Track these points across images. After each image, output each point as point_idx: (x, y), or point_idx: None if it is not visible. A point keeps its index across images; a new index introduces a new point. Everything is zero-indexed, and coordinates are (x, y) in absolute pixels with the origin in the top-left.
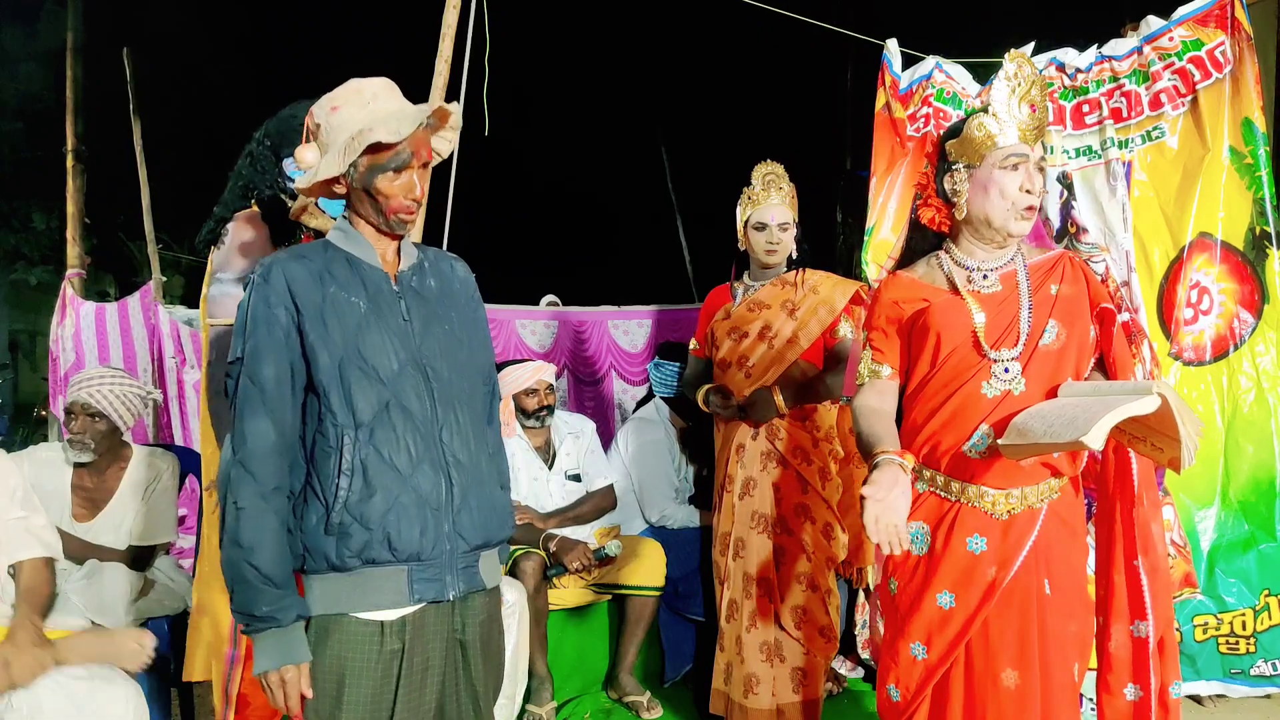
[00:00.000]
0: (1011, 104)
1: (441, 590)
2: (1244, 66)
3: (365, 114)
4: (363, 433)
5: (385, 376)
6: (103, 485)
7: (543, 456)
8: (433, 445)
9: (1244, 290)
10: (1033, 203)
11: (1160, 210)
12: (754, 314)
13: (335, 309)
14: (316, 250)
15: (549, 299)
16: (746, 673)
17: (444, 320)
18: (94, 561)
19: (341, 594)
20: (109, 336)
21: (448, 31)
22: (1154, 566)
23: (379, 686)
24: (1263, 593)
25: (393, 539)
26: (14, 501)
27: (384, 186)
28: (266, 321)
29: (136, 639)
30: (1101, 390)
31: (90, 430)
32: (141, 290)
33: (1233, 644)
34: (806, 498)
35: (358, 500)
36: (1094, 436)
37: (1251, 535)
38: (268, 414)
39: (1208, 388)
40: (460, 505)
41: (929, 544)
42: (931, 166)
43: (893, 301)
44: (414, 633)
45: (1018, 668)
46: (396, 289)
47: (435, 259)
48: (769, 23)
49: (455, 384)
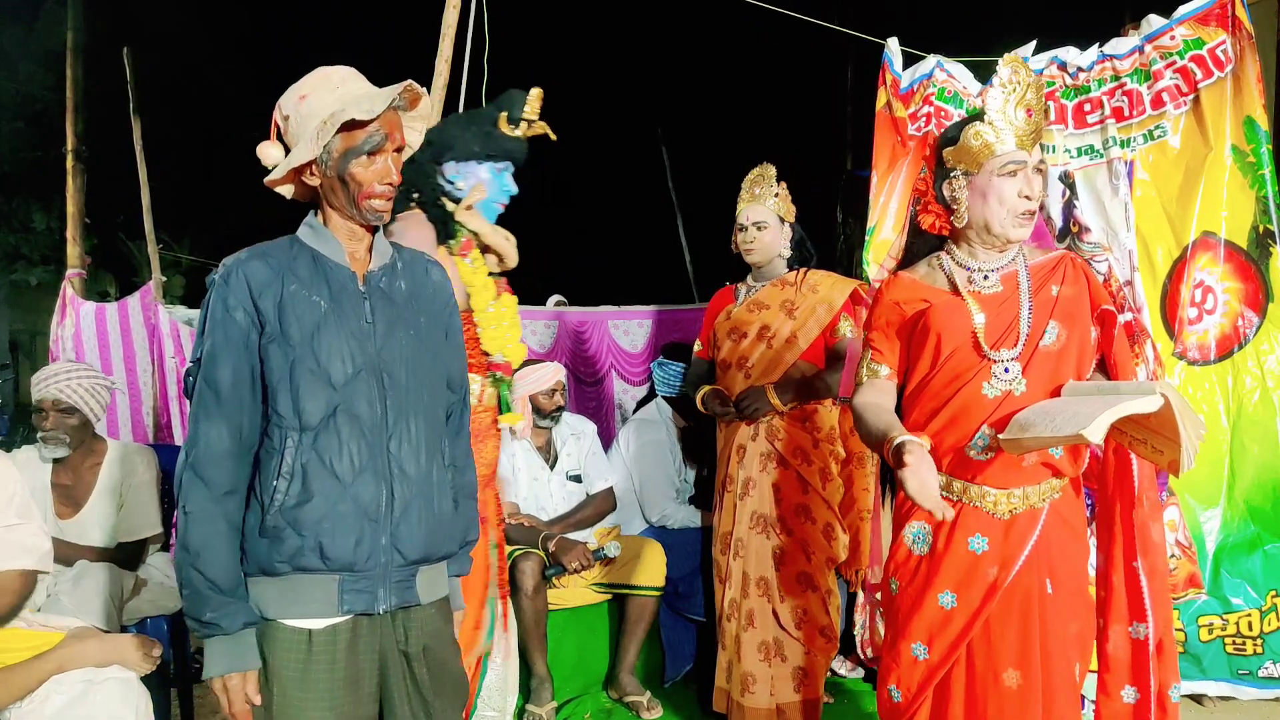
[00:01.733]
0: (1008, 110)
1: (371, 603)
2: (1245, 65)
3: (335, 97)
4: (306, 436)
5: (336, 381)
6: (80, 481)
7: (544, 457)
8: (379, 454)
9: (1248, 289)
10: (1031, 208)
11: (1163, 209)
12: (753, 314)
13: (294, 307)
14: (281, 247)
15: (556, 299)
16: (744, 671)
17: (410, 325)
18: (83, 562)
19: (270, 599)
20: (109, 336)
21: (448, 31)
22: (1153, 568)
23: (305, 695)
24: (1269, 594)
25: (325, 547)
26: (10, 508)
27: (358, 172)
28: (224, 324)
29: (144, 647)
30: (1105, 389)
31: (62, 425)
32: (141, 290)
33: (1239, 645)
34: (807, 498)
35: (294, 505)
36: (1094, 430)
37: (1258, 536)
38: (222, 417)
39: (1212, 387)
40: (400, 518)
41: (930, 544)
42: (930, 171)
43: (894, 303)
44: (344, 644)
45: (1019, 668)
46: (363, 289)
47: (411, 260)
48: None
49: (413, 392)
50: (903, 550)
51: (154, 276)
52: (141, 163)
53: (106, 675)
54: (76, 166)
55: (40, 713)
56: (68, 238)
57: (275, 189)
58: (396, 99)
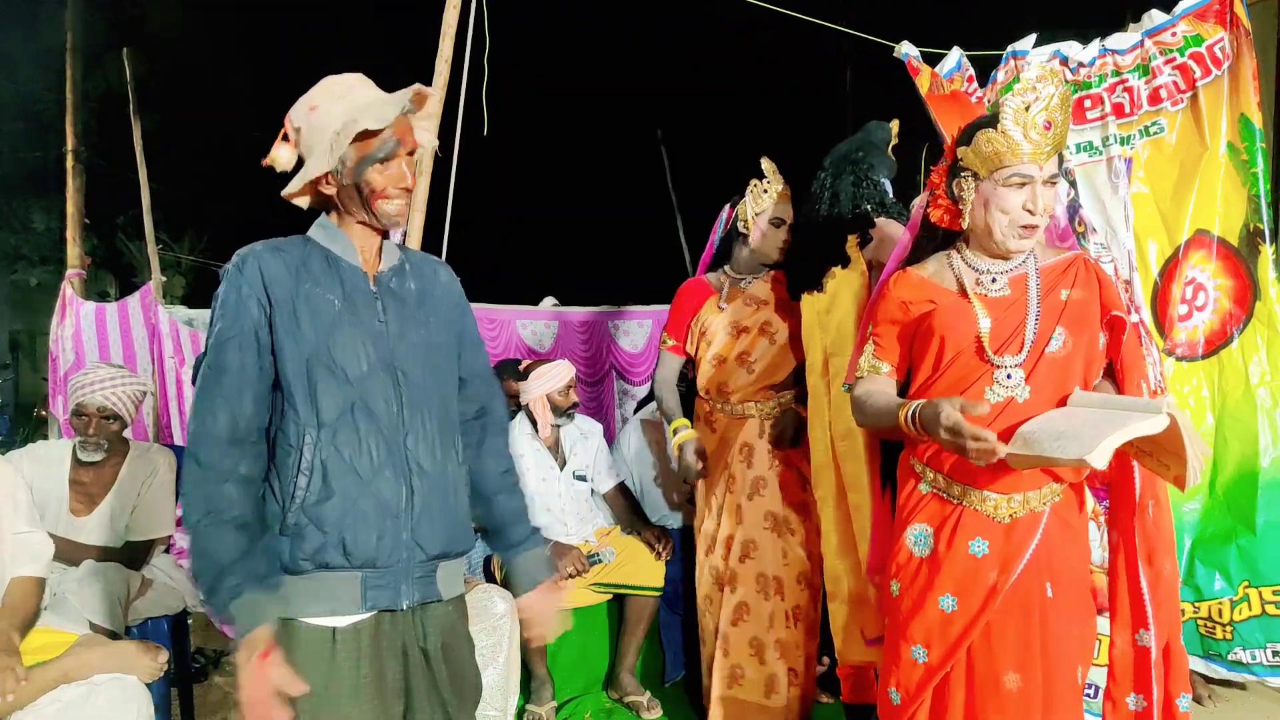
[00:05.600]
0: (1024, 121)
1: (395, 599)
2: (1242, 62)
3: (344, 107)
4: (325, 433)
5: (353, 377)
6: (100, 480)
7: (554, 456)
8: (396, 451)
9: (1237, 286)
10: (1034, 223)
11: (1157, 207)
12: (753, 309)
13: (309, 305)
14: (295, 244)
15: (549, 301)
16: (768, 673)
17: (421, 324)
18: (90, 562)
19: (294, 597)
20: (109, 336)
21: (448, 31)
22: (1157, 575)
23: (329, 694)
24: (1241, 584)
25: (348, 543)
26: (19, 515)
27: (374, 179)
28: (237, 311)
29: (149, 654)
30: (1111, 404)
31: (104, 431)
32: (141, 290)
33: (1210, 629)
34: (806, 494)
35: (315, 502)
36: (1098, 456)
37: (1232, 528)
38: (224, 402)
39: (1200, 383)
40: (420, 513)
41: (932, 546)
42: (945, 165)
43: (901, 301)
44: (367, 641)
45: (1020, 670)
46: (374, 290)
47: (419, 262)
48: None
49: (427, 390)
50: (904, 552)
51: (154, 276)
52: (141, 163)
53: (108, 675)
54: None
55: (43, 714)
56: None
57: (291, 200)
58: (406, 103)
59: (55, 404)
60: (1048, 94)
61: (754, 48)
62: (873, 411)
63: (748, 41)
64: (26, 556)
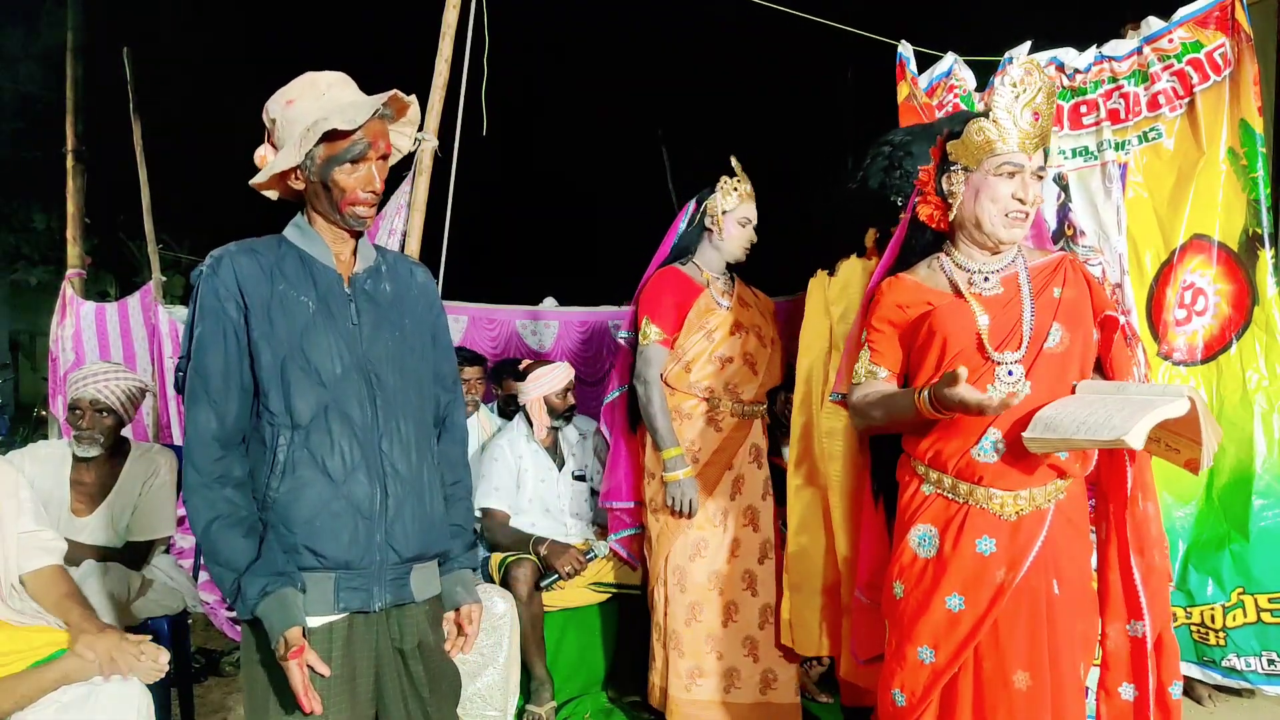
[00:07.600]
0: (1014, 110)
1: (367, 600)
2: (1243, 68)
3: (320, 105)
4: (299, 434)
5: (327, 379)
6: (101, 480)
7: (552, 456)
8: (371, 453)
9: (1236, 291)
10: (1023, 210)
11: (1153, 211)
12: (748, 309)
13: (283, 306)
14: (269, 245)
15: (549, 301)
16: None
17: (395, 326)
18: (90, 562)
19: None
20: (109, 336)
21: (448, 31)
22: (1149, 566)
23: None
24: (1235, 590)
25: (319, 544)
26: (24, 514)
27: (341, 179)
28: (214, 314)
29: (151, 656)
30: (1126, 390)
31: (99, 426)
32: (141, 290)
33: (1203, 634)
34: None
35: (287, 501)
36: (1135, 436)
37: (1227, 533)
38: (210, 404)
39: (1198, 387)
40: (394, 516)
41: (937, 546)
42: (934, 164)
43: (896, 305)
44: (340, 642)
45: (1029, 669)
46: (348, 291)
47: (395, 263)
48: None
49: (401, 392)
50: (908, 554)
51: (154, 276)
52: (141, 163)
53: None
54: (76, 166)
55: (43, 714)
56: (68, 238)
57: (261, 191)
58: (381, 108)
59: (55, 404)
60: (1034, 88)
61: (754, 48)
62: (882, 408)
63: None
64: (39, 551)
